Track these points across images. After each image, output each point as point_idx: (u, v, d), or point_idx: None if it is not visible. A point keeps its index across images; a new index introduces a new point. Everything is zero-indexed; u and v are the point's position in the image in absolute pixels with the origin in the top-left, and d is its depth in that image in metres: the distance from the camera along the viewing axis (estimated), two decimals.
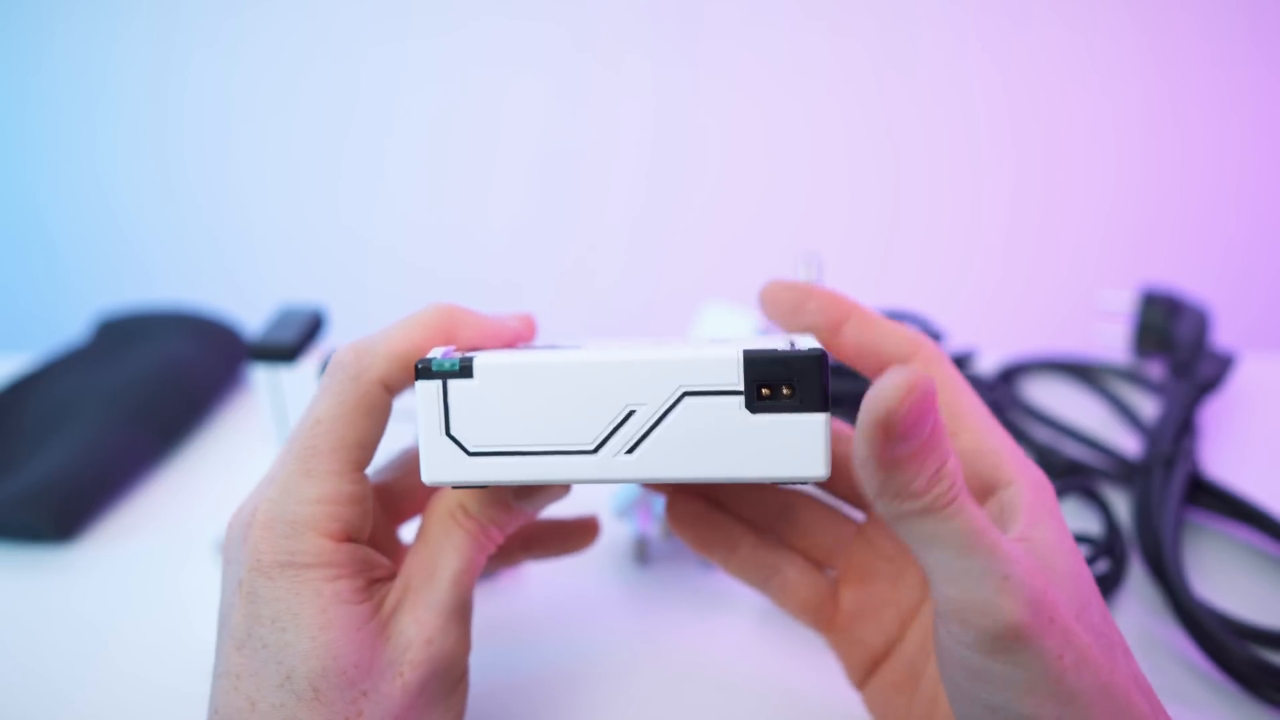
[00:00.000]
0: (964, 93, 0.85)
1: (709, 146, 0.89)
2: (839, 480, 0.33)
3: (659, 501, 0.40)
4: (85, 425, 0.50)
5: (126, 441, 0.50)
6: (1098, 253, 0.90)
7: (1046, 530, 0.25)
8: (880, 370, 0.29)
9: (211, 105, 0.89)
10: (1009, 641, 0.22)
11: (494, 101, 0.88)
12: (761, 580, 0.33)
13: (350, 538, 0.27)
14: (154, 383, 0.54)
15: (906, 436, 0.21)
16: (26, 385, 0.55)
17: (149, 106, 0.90)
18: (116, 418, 0.51)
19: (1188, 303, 0.56)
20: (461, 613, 0.28)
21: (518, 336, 0.30)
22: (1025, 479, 0.27)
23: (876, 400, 0.21)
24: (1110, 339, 0.58)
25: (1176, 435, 0.47)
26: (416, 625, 0.27)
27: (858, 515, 0.33)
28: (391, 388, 0.27)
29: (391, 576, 0.28)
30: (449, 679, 0.28)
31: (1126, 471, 0.48)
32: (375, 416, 0.27)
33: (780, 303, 0.30)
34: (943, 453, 0.22)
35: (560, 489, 0.30)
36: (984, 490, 0.27)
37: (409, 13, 0.85)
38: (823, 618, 0.33)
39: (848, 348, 0.29)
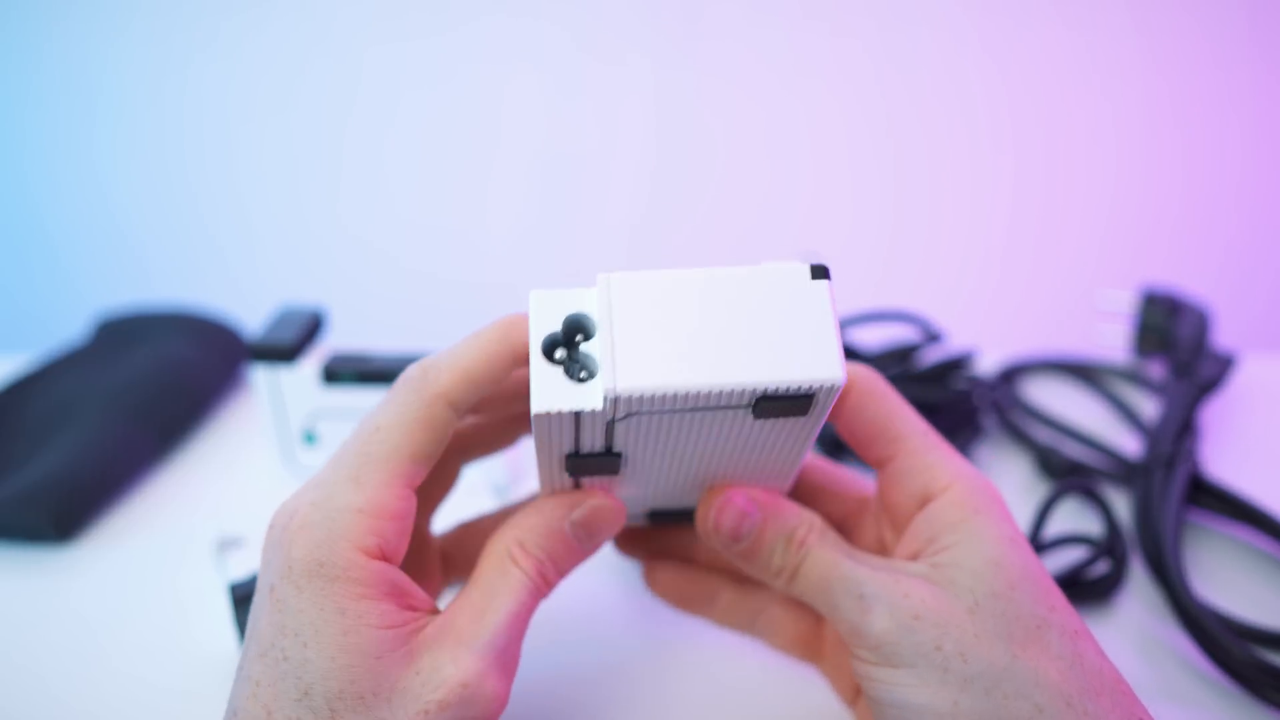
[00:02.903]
0: (965, 93, 0.85)
1: (710, 147, 0.89)
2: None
3: None
4: (85, 425, 0.50)
5: (126, 442, 0.50)
6: (1098, 253, 0.90)
7: (973, 526, 0.28)
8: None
9: (211, 105, 0.89)
10: (884, 649, 0.26)
11: (494, 101, 0.88)
12: (747, 623, 0.35)
13: (385, 556, 0.26)
14: (154, 383, 0.54)
15: (738, 537, 0.29)
16: (26, 385, 0.55)
17: (148, 106, 0.90)
18: (116, 418, 0.51)
19: (1188, 303, 0.56)
20: (503, 663, 0.26)
21: None
22: (960, 483, 0.29)
23: (702, 524, 0.30)
24: (1111, 339, 0.58)
25: (1177, 435, 0.47)
26: (454, 665, 0.25)
27: None
28: (456, 405, 0.27)
29: (427, 609, 0.27)
30: None
31: (1127, 472, 0.47)
32: (436, 432, 0.27)
33: None
34: (782, 524, 0.29)
35: (621, 518, 0.30)
36: (921, 501, 0.29)
37: (408, 13, 0.85)
38: (811, 650, 0.35)
39: None
